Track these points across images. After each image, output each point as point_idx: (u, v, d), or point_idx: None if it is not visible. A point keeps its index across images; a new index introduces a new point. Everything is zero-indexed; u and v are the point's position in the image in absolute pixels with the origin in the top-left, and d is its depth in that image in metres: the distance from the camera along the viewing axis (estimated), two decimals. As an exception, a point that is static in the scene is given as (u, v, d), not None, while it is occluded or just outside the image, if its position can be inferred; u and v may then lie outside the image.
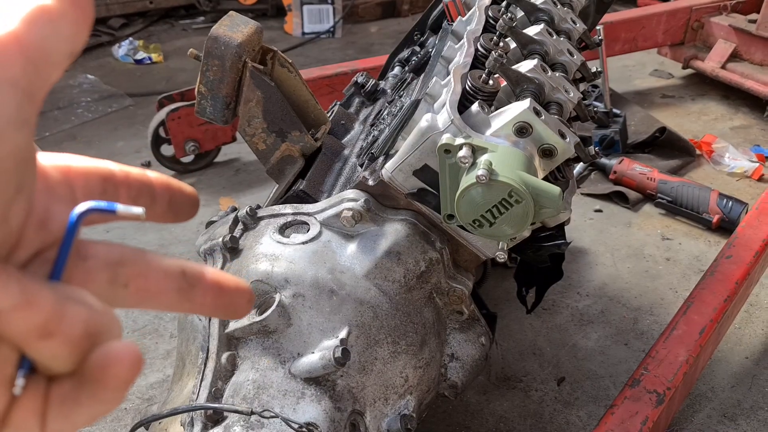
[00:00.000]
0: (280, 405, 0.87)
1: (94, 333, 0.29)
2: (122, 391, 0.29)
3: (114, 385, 0.29)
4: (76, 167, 0.32)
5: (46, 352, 0.28)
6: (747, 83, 2.70)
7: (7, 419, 0.29)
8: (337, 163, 1.23)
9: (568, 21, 1.22)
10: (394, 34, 3.81)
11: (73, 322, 0.28)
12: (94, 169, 0.32)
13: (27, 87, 0.24)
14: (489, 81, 0.95)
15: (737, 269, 1.41)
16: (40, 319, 0.27)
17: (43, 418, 0.30)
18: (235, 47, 1.12)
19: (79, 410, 0.30)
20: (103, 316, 0.30)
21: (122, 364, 0.29)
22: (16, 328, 0.27)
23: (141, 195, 0.34)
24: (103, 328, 0.29)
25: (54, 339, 0.28)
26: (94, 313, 0.29)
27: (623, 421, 1.09)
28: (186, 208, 0.37)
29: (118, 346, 0.29)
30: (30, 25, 0.24)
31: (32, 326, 0.27)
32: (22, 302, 0.26)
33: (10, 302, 0.26)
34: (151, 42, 3.60)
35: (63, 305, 0.28)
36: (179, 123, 2.24)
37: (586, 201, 2.22)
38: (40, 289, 0.27)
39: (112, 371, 0.28)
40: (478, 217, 0.86)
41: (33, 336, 0.27)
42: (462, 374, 1.12)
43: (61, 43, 0.25)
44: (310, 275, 0.95)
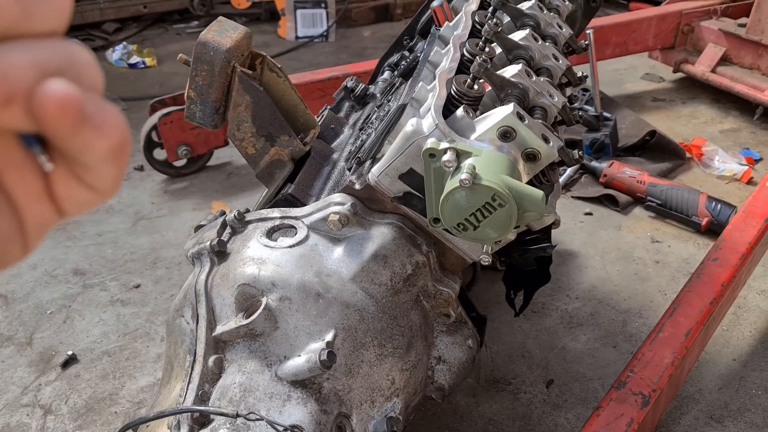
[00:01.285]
0: (266, 408, 0.88)
1: (53, 72, 0.26)
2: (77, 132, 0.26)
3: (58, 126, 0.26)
4: None
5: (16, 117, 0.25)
6: (737, 87, 2.72)
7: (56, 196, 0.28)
8: (326, 167, 1.24)
9: (555, 26, 1.23)
10: (387, 38, 3.82)
11: (19, 73, 0.25)
12: None
13: None
14: (474, 86, 0.96)
15: (723, 272, 1.42)
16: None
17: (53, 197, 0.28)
18: (223, 52, 1.12)
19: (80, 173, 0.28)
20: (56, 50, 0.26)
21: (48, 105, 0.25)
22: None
23: None
24: (63, 64, 0.26)
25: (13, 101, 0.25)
26: (42, 52, 0.26)
27: (609, 423, 1.09)
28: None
29: (46, 83, 0.25)
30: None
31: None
32: None
33: None
34: (145, 46, 3.61)
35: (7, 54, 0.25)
36: (171, 127, 2.24)
37: (576, 204, 2.23)
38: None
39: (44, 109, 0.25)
40: (463, 220, 0.87)
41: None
42: (449, 377, 1.13)
43: None
44: (297, 279, 0.96)
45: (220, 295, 0.97)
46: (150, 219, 2.18)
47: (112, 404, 1.48)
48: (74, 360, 1.60)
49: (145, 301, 1.79)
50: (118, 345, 1.65)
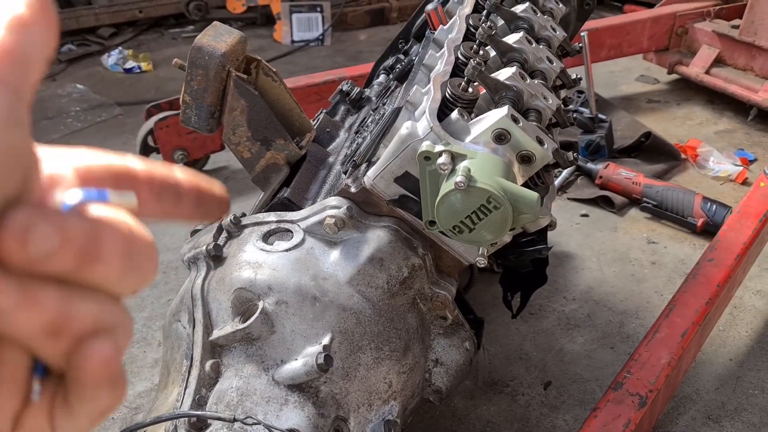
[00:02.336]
0: (264, 412, 0.88)
1: (102, 330, 0.28)
2: (104, 390, 0.29)
3: (90, 383, 0.28)
4: (89, 165, 0.31)
5: (53, 350, 0.28)
6: (731, 88, 2.73)
7: (21, 423, 0.29)
8: (322, 170, 1.24)
9: (548, 29, 1.23)
10: (383, 41, 3.83)
11: (80, 319, 0.28)
12: (109, 166, 0.31)
13: (15, 87, 0.26)
14: (468, 89, 0.96)
15: (719, 272, 1.42)
16: (46, 318, 0.27)
17: (53, 420, 0.30)
18: (218, 57, 1.13)
19: (76, 409, 0.29)
20: (114, 312, 0.29)
21: (94, 360, 0.28)
22: (21, 327, 0.26)
23: (165, 191, 0.33)
24: (112, 325, 0.29)
25: (61, 337, 0.27)
26: (103, 310, 0.28)
27: (606, 424, 1.10)
28: (215, 208, 0.36)
29: (95, 341, 0.28)
30: (10, 32, 0.26)
31: (38, 325, 0.27)
32: (24, 301, 0.26)
33: (11, 301, 0.26)
34: (141, 51, 3.61)
35: (69, 301, 0.27)
36: (168, 132, 2.24)
37: (573, 206, 2.23)
38: (43, 287, 0.27)
39: (85, 368, 0.28)
40: (458, 223, 0.87)
41: (40, 335, 0.27)
42: (447, 379, 1.13)
43: (38, 47, 0.27)
44: (293, 282, 0.96)
45: (217, 300, 0.97)
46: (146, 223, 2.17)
47: (109, 410, 1.48)
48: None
49: (142, 306, 1.79)
50: (115, 350, 1.64)
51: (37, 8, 0.28)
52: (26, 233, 0.26)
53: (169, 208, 0.34)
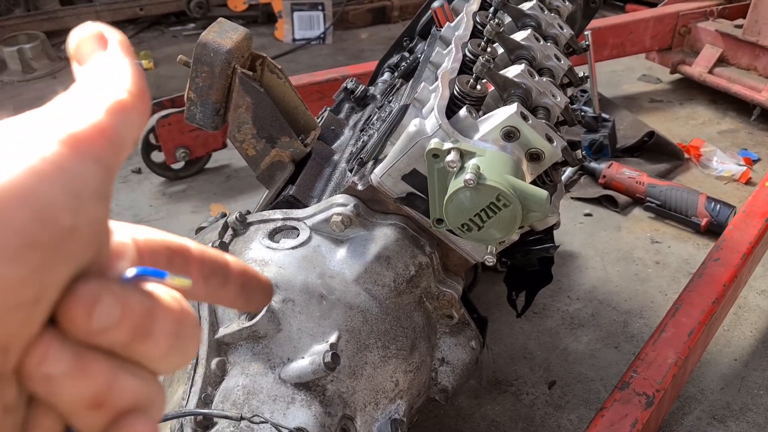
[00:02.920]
0: (270, 410, 0.87)
1: (139, 406, 0.29)
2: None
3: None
4: (148, 238, 0.32)
5: (92, 421, 0.28)
6: (734, 87, 2.72)
7: None
8: (327, 168, 1.24)
9: (555, 26, 1.23)
10: (384, 40, 3.82)
11: (123, 394, 0.28)
12: (166, 242, 0.33)
13: (108, 164, 0.28)
14: (477, 86, 0.95)
15: (725, 272, 1.42)
16: (92, 389, 0.27)
17: None
18: (224, 54, 1.12)
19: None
20: (152, 389, 0.30)
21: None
22: (66, 396, 0.27)
23: (213, 274, 0.35)
24: (149, 402, 0.29)
25: (102, 410, 0.28)
26: (144, 386, 0.29)
27: (613, 423, 1.09)
28: (259, 296, 0.37)
29: (135, 420, 0.29)
30: (112, 116, 0.29)
31: (83, 395, 0.27)
32: (75, 369, 0.26)
33: (63, 368, 0.26)
34: (142, 49, 3.60)
35: (116, 374, 0.28)
36: (170, 129, 2.23)
37: (576, 205, 2.23)
38: (95, 357, 0.27)
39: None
40: (467, 221, 0.86)
41: (82, 405, 0.27)
42: (452, 378, 1.12)
43: (133, 130, 0.30)
44: (300, 280, 0.95)
45: (223, 298, 0.97)
46: (148, 222, 2.17)
47: (111, 408, 1.47)
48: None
49: (144, 305, 1.78)
50: (118, 348, 1.64)
51: (136, 95, 0.30)
52: (93, 305, 0.27)
53: (213, 291, 0.35)
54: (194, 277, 0.34)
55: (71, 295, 0.26)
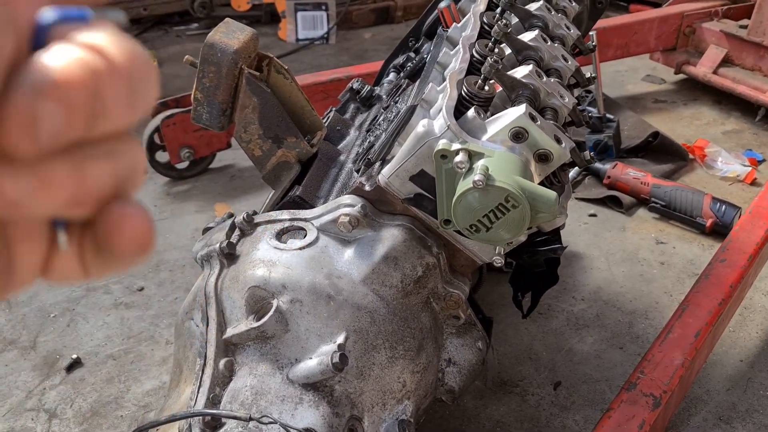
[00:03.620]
0: (278, 411, 0.87)
1: (120, 183, 0.27)
2: (138, 252, 0.28)
3: (125, 250, 0.28)
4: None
5: (80, 215, 0.27)
6: (739, 88, 2.72)
7: (51, 267, 0.28)
8: (333, 168, 1.24)
9: (562, 27, 1.22)
10: (388, 40, 3.82)
11: (99, 183, 0.26)
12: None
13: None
14: (485, 87, 0.95)
15: (732, 272, 1.41)
16: (64, 195, 0.25)
17: (83, 260, 0.29)
18: (231, 54, 1.12)
19: (109, 261, 0.29)
20: (125, 155, 0.27)
21: (128, 232, 0.27)
22: (41, 210, 0.25)
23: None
24: (129, 170, 0.27)
25: (84, 205, 0.26)
26: (117, 160, 0.27)
27: (620, 424, 1.09)
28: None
29: (124, 211, 0.27)
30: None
31: (58, 203, 0.25)
32: (38, 186, 0.24)
33: (25, 190, 0.24)
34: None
35: (83, 169, 0.25)
36: (174, 129, 2.24)
37: (581, 205, 2.23)
38: (53, 165, 0.24)
39: (120, 239, 0.27)
40: (475, 222, 0.86)
41: (62, 210, 0.26)
42: (459, 379, 1.12)
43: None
44: (308, 281, 0.95)
45: (230, 298, 0.97)
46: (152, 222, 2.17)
47: (117, 408, 1.47)
48: (79, 364, 1.59)
49: (149, 304, 1.79)
50: (123, 348, 1.64)
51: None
52: (32, 122, 0.23)
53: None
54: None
55: (4, 118, 0.23)
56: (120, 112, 0.25)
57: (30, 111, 0.23)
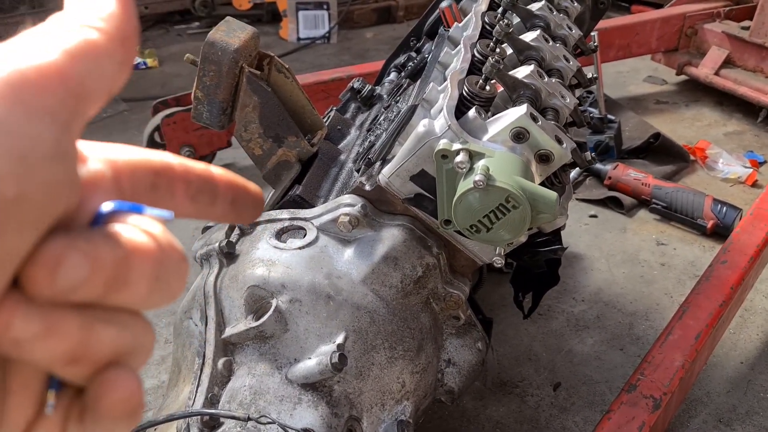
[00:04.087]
0: (277, 411, 0.87)
1: (122, 353, 0.28)
2: (121, 421, 0.28)
3: (109, 414, 0.28)
4: (125, 160, 0.29)
5: (71, 373, 0.27)
6: (740, 89, 2.71)
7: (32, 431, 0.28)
8: (334, 168, 1.23)
9: (564, 27, 1.22)
10: (389, 39, 3.82)
11: (100, 346, 0.27)
12: (146, 161, 0.30)
13: (64, 120, 0.24)
14: (486, 87, 0.95)
15: (732, 274, 1.41)
16: (65, 347, 0.26)
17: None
18: (231, 52, 1.12)
19: (91, 428, 0.29)
20: (135, 331, 0.28)
21: (115, 395, 0.27)
22: (39, 356, 0.26)
23: (201, 192, 0.32)
24: (133, 346, 0.28)
25: (80, 364, 0.27)
26: (124, 332, 0.28)
27: (620, 426, 1.09)
28: (250, 209, 0.34)
29: (117, 374, 0.28)
30: (74, 59, 0.24)
31: (57, 354, 0.26)
32: (44, 331, 0.25)
33: (31, 332, 0.25)
34: (146, 47, 3.60)
35: (90, 329, 0.26)
36: (174, 128, 2.23)
37: (582, 206, 2.22)
38: (64, 316, 0.26)
39: (106, 401, 0.27)
40: (476, 222, 0.86)
41: (58, 362, 0.26)
42: (459, 379, 1.12)
43: (103, 81, 0.25)
44: (307, 280, 0.95)
45: (230, 297, 0.97)
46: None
47: (116, 407, 1.47)
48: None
49: (149, 303, 1.78)
50: (122, 347, 1.63)
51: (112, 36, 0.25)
52: (56, 265, 0.24)
53: (203, 209, 0.32)
54: (180, 197, 0.30)
55: (34, 256, 0.24)
56: (141, 290, 0.27)
57: (58, 255, 0.24)
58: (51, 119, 0.23)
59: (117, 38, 0.26)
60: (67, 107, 0.24)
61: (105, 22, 0.25)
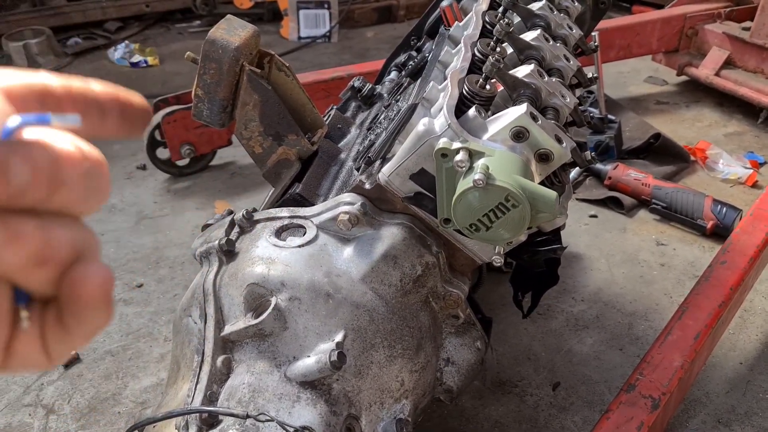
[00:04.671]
0: (276, 408, 0.87)
1: (79, 252, 0.30)
2: (100, 310, 0.30)
3: (88, 305, 0.29)
4: (9, 85, 0.30)
5: (39, 278, 0.29)
6: (741, 90, 2.71)
7: (12, 351, 0.30)
8: (334, 166, 1.23)
9: (565, 27, 1.22)
10: (390, 39, 3.82)
11: (60, 246, 0.29)
12: (29, 84, 0.31)
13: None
14: (486, 86, 0.95)
15: (732, 275, 1.41)
16: (30, 250, 0.28)
17: (44, 343, 0.30)
18: (232, 51, 1.12)
19: (72, 331, 0.30)
20: (83, 233, 0.30)
21: (90, 284, 0.29)
22: (7, 263, 0.27)
23: (88, 109, 0.33)
24: (86, 245, 0.30)
25: (46, 265, 0.28)
26: (75, 232, 0.30)
27: (618, 426, 1.09)
28: (139, 120, 0.36)
29: (86, 266, 0.29)
30: None
31: (24, 258, 0.27)
32: (8, 237, 0.27)
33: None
34: (147, 45, 3.60)
35: (47, 230, 0.28)
36: (175, 126, 2.23)
37: (582, 206, 2.22)
38: (22, 220, 0.27)
39: (83, 292, 0.29)
40: (475, 221, 0.86)
41: (26, 267, 0.28)
42: (458, 379, 1.12)
43: None
44: (307, 279, 0.95)
45: (229, 295, 0.97)
46: (153, 218, 2.17)
47: (115, 404, 1.47)
48: (77, 360, 1.58)
49: (148, 301, 1.78)
50: (121, 345, 1.64)
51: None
52: (4, 170, 0.26)
53: (95, 125, 0.34)
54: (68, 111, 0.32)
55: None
56: (77, 189, 0.29)
57: (2, 160, 0.26)
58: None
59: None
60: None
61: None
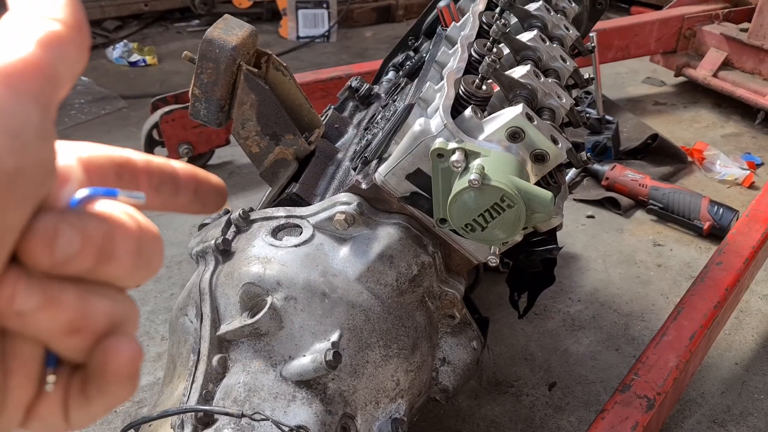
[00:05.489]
0: (271, 408, 0.87)
1: (115, 324, 0.30)
2: (125, 384, 0.30)
3: (114, 379, 0.29)
4: (91, 155, 0.31)
5: (71, 345, 0.29)
6: (738, 91, 2.72)
7: (34, 412, 0.30)
8: (331, 166, 1.23)
9: (561, 27, 1.22)
10: (389, 39, 3.82)
11: (97, 317, 0.29)
12: (110, 157, 0.32)
13: (45, 102, 0.27)
14: (482, 86, 0.95)
15: (727, 276, 1.42)
16: (66, 318, 0.28)
17: (66, 410, 0.30)
18: (229, 50, 1.12)
19: (94, 401, 0.30)
20: (124, 305, 0.30)
21: (120, 359, 0.29)
22: (42, 328, 0.27)
23: (164, 184, 0.34)
24: (124, 318, 0.30)
25: (80, 334, 0.28)
26: (115, 305, 0.30)
27: (613, 426, 1.09)
28: (213, 199, 0.37)
29: (118, 340, 0.30)
30: (44, 49, 0.27)
31: (58, 325, 0.28)
32: (45, 302, 0.27)
33: (33, 303, 0.27)
34: (146, 44, 3.60)
35: (86, 300, 0.28)
36: (173, 125, 2.23)
37: (579, 207, 2.23)
38: (62, 287, 0.28)
39: (111, 365, 0.29)
40: (471, 221, 0.86)
41: (60, 333, 0.28)
42: (453, 378, 1.12)
43: (69, 64, 0.28)
44: (302, 278, 0.95)
45: (225, 294, 0.97)
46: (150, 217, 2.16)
47: (111, 403, 1.47)
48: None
49: (145, 300, 1.79)
50: (118, 344, 1.64)
51: (72, 26, 0.28)
52: (53, 238, 0.27)
53: (167, 200, 0.35)
54: (144, 189, 0.33)
55: (30, 231, 0.26)
56: (126, 264, 0.29)
57: (53, 228, 0.27)
58: (35, 102, 0.26)
59: (75, 26, 0.28)
60: (46, 91, 0.27)
61: (61, 13, 0.28)
